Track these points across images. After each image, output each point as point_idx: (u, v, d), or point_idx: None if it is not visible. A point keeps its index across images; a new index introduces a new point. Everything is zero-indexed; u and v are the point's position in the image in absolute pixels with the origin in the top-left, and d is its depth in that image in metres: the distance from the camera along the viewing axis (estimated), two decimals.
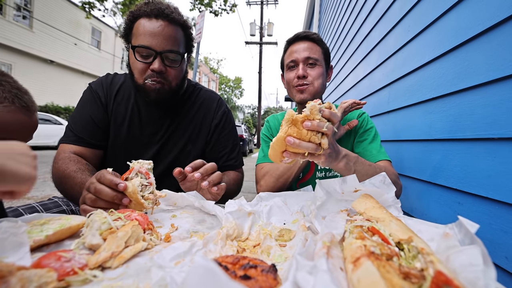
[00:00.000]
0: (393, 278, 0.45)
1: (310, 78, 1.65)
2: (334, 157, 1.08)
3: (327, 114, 0.92)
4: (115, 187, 0.93)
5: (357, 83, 3.60)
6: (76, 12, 20.25)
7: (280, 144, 0.91)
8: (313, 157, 0.96)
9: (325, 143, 0.91)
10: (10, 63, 16.87)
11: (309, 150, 0.90)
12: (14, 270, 0.49)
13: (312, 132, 0.88)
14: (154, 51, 1.35)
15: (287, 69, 1.75)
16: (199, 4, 13.28)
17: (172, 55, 1.40)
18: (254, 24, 25.67)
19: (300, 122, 0.87)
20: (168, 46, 1.37)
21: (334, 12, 5.58)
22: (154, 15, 1.36)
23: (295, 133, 0.88)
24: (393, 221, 0.67)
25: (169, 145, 1.60)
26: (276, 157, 0.97)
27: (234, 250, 0.75)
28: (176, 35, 1.42)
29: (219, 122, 1.72)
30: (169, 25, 1.39)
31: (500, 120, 1.14)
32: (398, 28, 2.29)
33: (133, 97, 1.58)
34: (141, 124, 1.57)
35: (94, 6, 12.05)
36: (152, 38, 1.34)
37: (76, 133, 1.44)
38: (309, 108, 0.88)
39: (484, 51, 1.26)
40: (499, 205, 1.14)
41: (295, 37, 1.73)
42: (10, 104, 0.99)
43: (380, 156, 1.55)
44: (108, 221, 0.72)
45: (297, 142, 0.88)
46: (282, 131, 0.90)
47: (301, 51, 1.67)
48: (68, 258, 0.58)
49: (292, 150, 0.93)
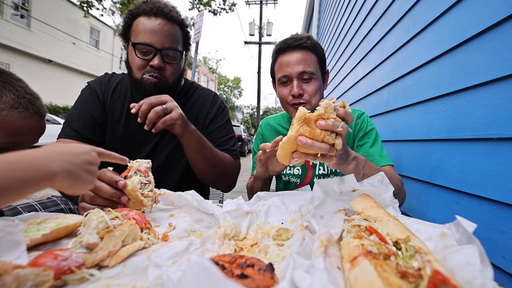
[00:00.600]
0: (390, 277, 0.45)
1: (306, 96, 1.50)
2: (344, 159, 1.03)
3: (342, 113, 0.87)
4: (115, 184, 0.94)
5: (356, 83, 3.60)
6: (75, 11, 20.17)
7: (290, 144, 0.88)
8: (325, 158, 0.93)
9: (339, 144, 0.87)
10: (8, 63, 16.80)
11: (322, 151, 0.86)
12: (10, 268, 0.49)
13: (326, 132, 0.85)
14: (154, 48, 1.38)
15: (279, 83, 1.58)
16: (198, 3, 13.26)
17: (172, 52, 1.44)
18: (253, 23, 25.64)
19: (313, 121, 0.84)
20: (168, 43, 1.41)
21: (334, 11, 5.58)
22: (153, 14, 1.40)
23: (308, 132, 0.85)
24: (391, 220, 0.67)
25: (163, 142, 1.61)
26: (286, 157, 0.95)
27: (231, 249, 0.75)
28: (175, 33, 1.45)
29: (214, 116, 1.71)
30: (168, 23, 1.42)
31: (500, 120, 1.14)
32: (398, 27, 2.29)
33: (129, 95, 1.60)
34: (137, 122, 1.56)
35: (93, 5, 12.00)
36: (152, 36, 1.37)
37: (75, 128, 1.45)
38: (324, 107, 0.84)
39: (484, 50, 1.26)
40: (497, 205, 1.14)
41: (286, 46, 1.52)
42: (24, 110, 1.05)
43: (383, 161, 1.48)
44: (105, 220, 0.72)
45: (310, 142, 0.84)
46: (293, 130, 0.86)
47: (294, 64, 1.48)
48: (65, 257, 0.58)
49: (303, 151, 0.90)
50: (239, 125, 20.36)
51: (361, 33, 3.43)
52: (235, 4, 13.83)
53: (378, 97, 2.73)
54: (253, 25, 25.58)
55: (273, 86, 1.78)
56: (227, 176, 1.62)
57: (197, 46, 8.73)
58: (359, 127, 1.63)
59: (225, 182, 1.65)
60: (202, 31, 8.67)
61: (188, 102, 1.69)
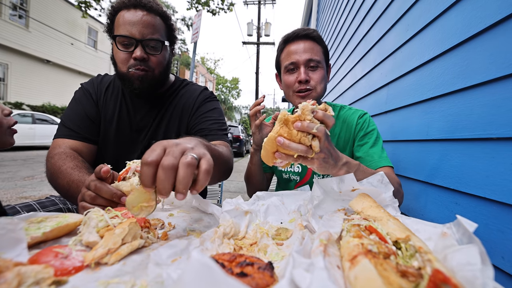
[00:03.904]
0: (390, 276, 0.45)
1: (312, 82, 1.52)
2: (332, 164, 1.02)
3: (320, 116, 0.88)
4: (118, 200, 0.94)
5: (355, 83, 3.61)
6: (73, 12, 20.22)
7: (271, 144, 0.90)
8: (305, 160, 0.94)
9: (316, 146, 0.88)
10: (6, 63, 16.80)
11: (299, 152, 0.88)
12: (11, 266, 0.49)
13: (302, 133, 0.86)
14: (135, 40, 1.39)
15: (285, 71, 1.60)
16: (197, 3, 13.25)
17: (153, 43, 1.44)
18: (252, 24, 25.63)
19: (291, 122, 0.86)
20: (148, 34, 1.42)
21: (332, 11, 5.59)
22: (132, 6, 1.42)
23: (286, 133, 0.87)
24: (391, 220, 0.67)
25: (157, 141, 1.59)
26: (268, 158, 0.96)
27: (231, 249, 0.75)
28: (155, 23, 1.45)
29: (200, 105, 1.68)
30: (148, 14, 1.43)
31: (499, 120, 1.14)
32: (397, 27, 2.30)
33: (121, 94, 1.61)
34: (129, 121, 1.59)
35: (90, 5, 11.99)
36: (132, 27, 1.39)
37: (71, 128, 1.45)
38: (301, 108, 0.86)
39: (484, 50, 1.26)
40: (496, 205, 1.14)
41: (295, 35, 1.57)
42: None
43: (381, 162, 1.46)
44: (105, 219, 0.72)
45: (287, 143, 0.86)
46: (274, 130, 0.89)
47: (301, 52, 1.52)
48: (65, 254, 0.58)
49: (283, 151, 0.91)
50: (237, 126, 20.35)
51: (360, 33, 3.44)
52: (234, 4, 13.82)
53: (376, 97, 2.73)
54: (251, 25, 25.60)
55: (276, 80, 1.79)
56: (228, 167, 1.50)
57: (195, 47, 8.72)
58: (360, 127, 1.62)
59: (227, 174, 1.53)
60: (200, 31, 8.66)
61: (179, 97, 1.69)
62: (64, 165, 1.25)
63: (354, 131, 1.63)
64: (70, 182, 1.19)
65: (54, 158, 1.30)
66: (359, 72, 3.41)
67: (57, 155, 1.32)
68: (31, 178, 6.78)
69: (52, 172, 1.28)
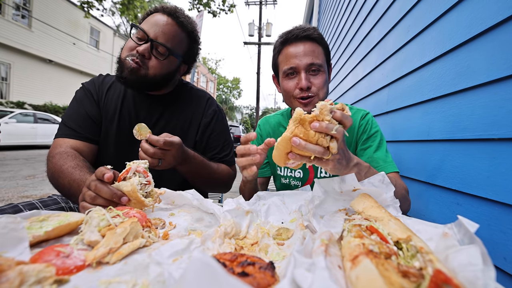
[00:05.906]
0: (392, 276, 0.45)
1: (314, 88, 1.41)
2: (344, 164, 0.96)
3: (339, 116, 0.84)
4: (118, 201, 0.94)
5: (356, 84, 3.61)
6: (75, 12, 20.26)
7: (285, 144, 0.86)
8: (320, 162, 0.90)
9: (334, 147, 0.84)
10: (9, 63, 16.84)
11: (316, 153, 0.84)
12: (14, 264, 0.50)
13: (320, 134, 0.83)
14: (147, 36, 1.42)
15: (284, 75, 1.48)
16: (198, 4, 13.25)
17: (161, 48, 1.45)
18: (253, 24, 25.61)
19: (308, 122, 0.82)
20: (161, 39, 1.44)
21: (334, 12, 5.59)
22: (166, 13, 1.49)
23: (302, 133, 0.83)
24: (392, 220, 0.67)
25: None
26: (281, 158, 0.93)
27: (232, 248, 0.75)
28: (175, 34, 1.48)
29: (210, 122, 1.73)
30: (174, 24, 1.48)
31: (501, 120, 1.14)
32: (398, 28, 2.29)
33: (122, 94, 1.62)
34: (130, 121, 1.59)
35: (93, 6, 12.00)
36: (151, 27, 1.44)
37: (72, 127, 1.46)
38: (319, 108, 0.82)
39: (485, 51, 1.26)
40: (498, 206, 1.14)
41: (294, 36, 1.43)
42: None
43: (387, 168, 1.39)
44: (107, 218, 0.72)
45: (303, 144, 0.82)
46: (289, 130, 0.85)
47: (301, 56, 1.40)
48: (66, 253, 0.58)
49: (298, 152, 0.87)
50: (238, 126, 20.37)
51: (361, 34, 3.44)
52: (234, 6, 13.80)
53: (377, 97, 2.73)
54: (252, 26, 25.56)
55: (274, 81, 1.69)
56: (222, 185, 1.71)
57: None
58: (363, 129, 1.52)
59: (221, 189, 1.76)
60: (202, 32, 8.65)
61: (182, 104, 1.70)
62: (65, 165, 1.25)
63: (357, 134, 1.53)
64: (71, 181, 1.19)
65: (55, 157, 1.31)
66: (360, 73, 3.40)
67: (58, 154, 1.32)
68: (33, 177, 6.79)
69: (53, 172, 1.28)
